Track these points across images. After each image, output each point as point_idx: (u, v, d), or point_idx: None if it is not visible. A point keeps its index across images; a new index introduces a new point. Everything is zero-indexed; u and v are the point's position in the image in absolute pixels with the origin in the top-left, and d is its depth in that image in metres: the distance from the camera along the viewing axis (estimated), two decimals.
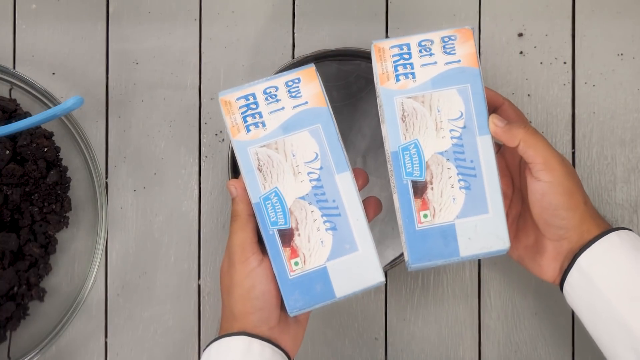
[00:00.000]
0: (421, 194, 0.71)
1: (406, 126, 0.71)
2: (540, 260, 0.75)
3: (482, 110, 0.70)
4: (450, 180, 0.71)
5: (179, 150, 0.85)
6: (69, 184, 0.83)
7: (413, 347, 0.85)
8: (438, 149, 0.71)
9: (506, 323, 0.85)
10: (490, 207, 0.71)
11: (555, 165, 0.71)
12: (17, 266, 0.81)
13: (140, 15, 0.85)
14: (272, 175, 0.70)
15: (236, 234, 0.71)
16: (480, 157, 0.71)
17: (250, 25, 0.85)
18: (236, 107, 0.70)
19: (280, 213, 0.70)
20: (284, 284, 0.70)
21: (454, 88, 0.71)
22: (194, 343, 0.84)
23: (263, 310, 0.70)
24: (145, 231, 0.85)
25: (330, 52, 0.81)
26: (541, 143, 0.72)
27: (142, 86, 0.85)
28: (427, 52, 0.71)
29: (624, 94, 0.85)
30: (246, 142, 0.70)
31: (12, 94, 0.85)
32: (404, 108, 0.71)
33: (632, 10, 0.85)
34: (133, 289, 0.84)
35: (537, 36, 0.85)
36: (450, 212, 0.71)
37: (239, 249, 0.70)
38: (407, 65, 0.71)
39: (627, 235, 0.73)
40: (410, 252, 0.71)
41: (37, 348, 0.81)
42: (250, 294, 0.70)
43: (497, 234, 0.71)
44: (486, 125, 0.70)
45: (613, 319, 0.70)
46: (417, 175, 0.71)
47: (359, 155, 0.85)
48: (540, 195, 0.72)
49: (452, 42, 0.71)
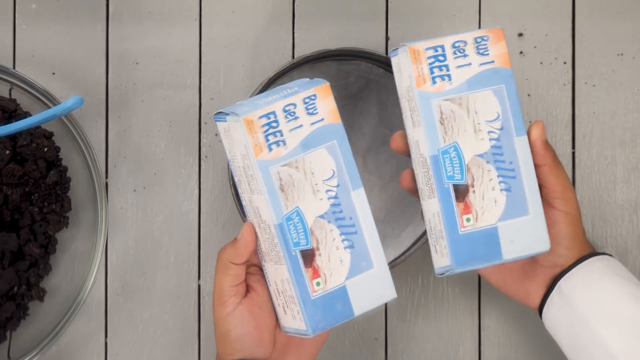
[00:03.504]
0: (463, 198, 0.70)
1: (445, 129, 0.70)
2: (528, 285, 0.75)
3: (517, 110, 0.70)
4: (491, 182, 0.70)
5: (179, 150, 0.85)
6: (69, 184, 0.83)
7: (413, 348, 0.85)
8: (477, 151, 0.70)
9: (506, 323, 0.85)
10: (531, 208, 0.70)
11: (571, 195, 0.72)
12: (17, 266, 0.81)
13: (140, 15, 0.85)
14: (294, 194, 0.69)
15: (216, 275, 0.70)
16: (518, 158, 0.70)
17: (250, 25, 0.85)
18: (258, 126, 0.68)
19: (302, 233, 0.69)
20: (307, 304, 0.69)
21: (489, 89, 0.70)
22: (194, 343, 0.84)
23: (243, 351, 0.70)
24: (145, 231, 0.85)
25: (330, 52, 0.81)
26: (562, 171, 0.72)
27: (142, 86, 0.85)
28: (462, 54, 0.70)
29: (624, 94, 0.85)
30: (269, 162, 0.68)
31: (12, 94, 0.85)
32: (442, 110, 0.70)
33: (632, 10, 0.85)
34: (133, 289, 0.84)
35: (537, 36, 0.85)
36: (493, 215, 0.70)
37: (217, 292, 0.70)
38: (443, 67, 0.70)
39: (608, 261, 0.73)
40: (453, 256, 0.70)
41: (37, 348, 0.81)
42: (227, 337, 0.70)
43: (537, 235, 0.70)
44: (522, 127, 0.70)
45: (593, 342, 0.71)
46: (459, 178, 0.70)
47: (359, 155, 0.85)
48: (552, 222, 0.72)
49: (485, 43, 0.70)
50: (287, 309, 0.70)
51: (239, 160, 0.69)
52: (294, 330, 0.70)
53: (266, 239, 0.70)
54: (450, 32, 0.84)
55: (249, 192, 0.69)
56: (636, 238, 0.85)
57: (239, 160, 0.69)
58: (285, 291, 0.70)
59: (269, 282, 0.71)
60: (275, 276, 0.70)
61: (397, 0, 0.85)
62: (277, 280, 0.70)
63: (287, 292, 0.70)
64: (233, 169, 0.71)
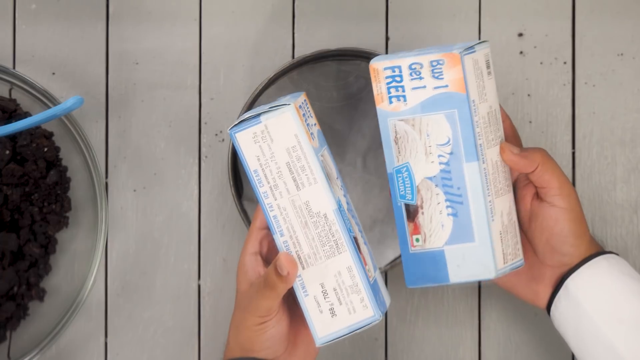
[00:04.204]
0: (413, 218, 0.72)
1: (399, 149, 0.72)
2: (536, 287, 0.75)
3: (469, 136, 0.70)
4: (439, 206, 0.71)
5: (179, 150, 0.85)
6: (69, 184, 0.83)
7: (413, 348, 0.85)
8: (427, 173, 0.71)
9: (506, 323, 0.85)
10: (477, 235, 0.70)
11: (570, 191, 0.72)
12: (17, 266, 0.81)
13: (140, 15, 0.85)
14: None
15: (265, 301, 0.69)
16: (467, 184, 0.70)
17: (250, 25, 0.85)
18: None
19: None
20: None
21: (442, 113, 0.70)
22: (194, 343, 0.84)
23: (271, 347, 0.71)
24: (145, 231, 0.85)
25: (330, 52, 0.81)
26: (557, 167, 0.72)
27: (142, 86, 0.85)
28: (417, 76, 0.70)
29: (624, 94, 0.85)
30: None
31: (12, 94, 0.85)
32: (397, 130, 0.71)
33: (632, 10, 0.85)
34: (133, 289, 0.84)
35: (537, 36, 0.85)
36: (440, 239, 0.71)
37: (263, 311, 0.69)
38: (399, 88, 0.71)
39: (615, 260, 0.73)
40: (406, 273, 0.72)
41: (37, 348, 0.81)
42: (260, 337, 0.70)
43: (482, 262, 0.71)
44: (473, 153, 0.70)
45: (599, 341, 0.71)
46: (409, 198, 0.72)
47: (359, 155, 0.85)
48: (554, 221, 0.72)
49: (441, 67, 0.70)
50: (338, 308, 0.70)
51: (280, 158, 0.69)
52: (345, 330, 0.70)
53: (314, 235, 0.69)
54: (450, 32, 0.85)
55: (294, 189, 0.69)
56: (636, 238, 0.85)
57: (283, 157, 0.69)
58: (341, 284, 0.69)
59: (305, 292, 0.70)
60: (323, 276, 0.69)
61: (397, 0, 0.85)
62: (326, 280, 0.69)
63: (344, 284, 0.69)
64: (260, 179, 0.69)
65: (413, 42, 0.85)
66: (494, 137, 0.72)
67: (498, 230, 0.71)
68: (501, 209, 0.72)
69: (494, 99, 0.72)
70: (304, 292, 0.70)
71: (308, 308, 0.70)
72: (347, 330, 0.70)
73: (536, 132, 0.85)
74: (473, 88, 0.70)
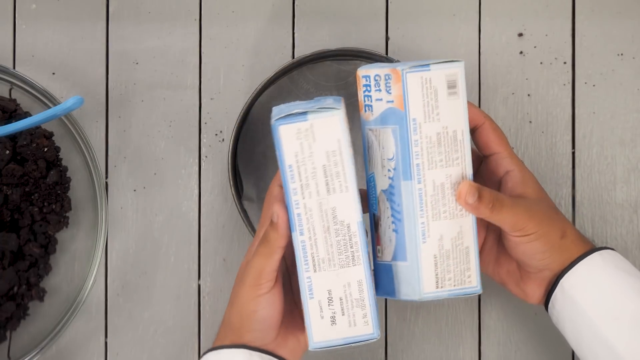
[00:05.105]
0: (377, 229, 0.72)
1: (369, 158, 0.72)
2: (524, 287, 0.75)
3: (406, 154, 0.69)
4: (388, 220, 0.71)
5: (179, 150, 0.85)
6: (69, 184, 0.83)
7: (413, 347, 0.85)
8: (382, 186, 0.71)
9: (506, 323, 0.85)
10: (408, 255, 0.70)
11: (525, 224, 0.71)
12: (17, 266, 0.81)
13: (140, 15, 0.85)
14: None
15: (259, 258, 0.69)
16: (403, 202, 0.70)
17: (250, 25, 0.85)
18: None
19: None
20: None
21: (389, 127, 0.70)
22: (194, 343, 0.84)
23: (260, 331, 0.70)
24: (145, 231, 0.85)
25: (330, 52, 0.81)
26: (508, 206, 0.70)
27: (142, 86, 0.85)
28: (378, 87, 0.70)
29: (624, 94, 0.85)
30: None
31: (12, 94, 0.85)
32: (368, 139, 0.72)
33: (632, 10, 0.85)
34: (133, 289, 0.84)
35: (537, 36, 0.85)
36: (389, 253, 0.71)
37: (255, 273, 0.69)
38: (368, 97, 0.71)
39: (610, 255, 0.73)
40: (377, 281, 0.72)
41: (37, 348, 0.81)
42: (251, 316, 0.70)
43: (411, 283, 0.70)
44: (408, 171, 0.69)
45: (597, 338, 0.71)
46: (374, 209, 0.72)
47: (359, 155, 0.84)
48: (514, 245, 0.72)
49: (390, 81, 0.69)
50: (340, 318, 0.69)
51: (318, 160, 0.68)
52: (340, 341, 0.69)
53: (333, 242, 0.69)
54: (450, 32, 0.85)
55: (325, 193, 0.68)
56: (636, 238, 0.85)
57: (321, 159, 0.68)
58: (348, 296, 0.69)
59: (311, 294, 0.69)
60: (332, 284, 0.69)
61: (397, 0, 0.85)
62: (335, 288, 0.69)
63: (351, 296, 0.69)
64: (293, 175, 0.69)
65: (413, 42, 0.85)
66: (443, 159, 0.70)
67: (432, 254, 0.70)
68: (441, 233, 0.70)
69: (455, 120, 0.70)
70: (309, 294, 0.69)
71: (310, 310, 0.70)
72: (342, 341, 0.69)
73: (536, 132, 0.85)
74: (417, 106, 0.69)
